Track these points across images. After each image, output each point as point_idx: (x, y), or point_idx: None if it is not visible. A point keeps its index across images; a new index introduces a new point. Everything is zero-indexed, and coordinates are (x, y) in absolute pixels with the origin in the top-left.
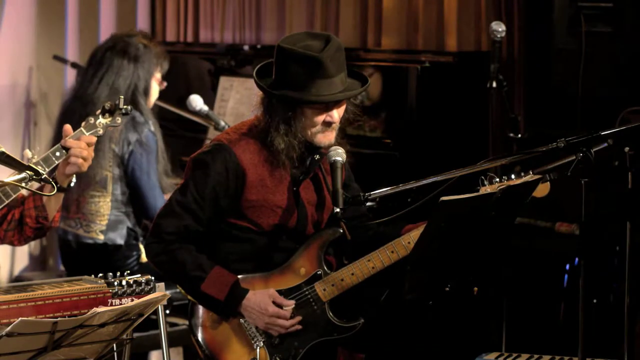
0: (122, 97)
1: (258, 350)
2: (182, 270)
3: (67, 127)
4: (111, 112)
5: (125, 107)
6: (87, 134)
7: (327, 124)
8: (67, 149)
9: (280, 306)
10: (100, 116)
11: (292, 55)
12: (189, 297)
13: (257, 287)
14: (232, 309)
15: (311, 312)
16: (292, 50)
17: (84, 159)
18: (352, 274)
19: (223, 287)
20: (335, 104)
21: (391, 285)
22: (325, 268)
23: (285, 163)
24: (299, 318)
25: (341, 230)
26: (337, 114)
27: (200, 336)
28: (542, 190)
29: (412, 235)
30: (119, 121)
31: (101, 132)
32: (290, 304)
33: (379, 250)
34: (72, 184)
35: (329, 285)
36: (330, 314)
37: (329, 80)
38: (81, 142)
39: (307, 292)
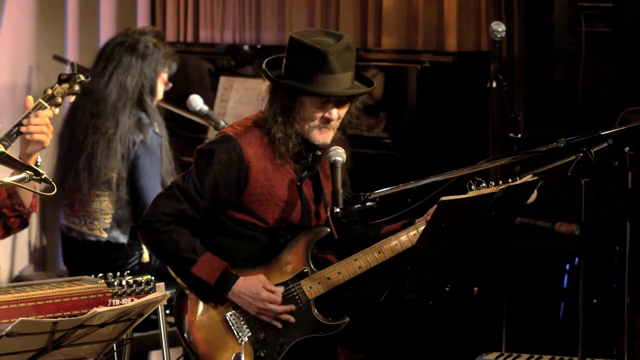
0: (75, 64)
1: (243, 345)
2: (174, 250)
3: (29, 99)
4: (67, 80)
5: (79, 75)
6: (46, 104)
7: (325, 121)
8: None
9: (270, 292)
10: (57, 86)
11: (300, 46)
12: (178, 279)
13: None
14: (221, 294)
15: (297, 309)
16: (301, 41)
17: (45, 134)
18: (339, 273)
19: (214, 272)
20: (336, 101)
21: (391, 285)
22: (312, 266)
23: (283, 153)
24: (291, 306)
25: (328, 230)
26: (336, 113)
27: (185, 331)
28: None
29: (401, 238)
30: (77, 89)
31: (60, 100)
32: (279, 291)
33: (366, 250)
34: (39, 163)
35: (315, 283)
36: (316, 311)
37: (331, 76)
38: (41, 118)
39: (293, 290)
